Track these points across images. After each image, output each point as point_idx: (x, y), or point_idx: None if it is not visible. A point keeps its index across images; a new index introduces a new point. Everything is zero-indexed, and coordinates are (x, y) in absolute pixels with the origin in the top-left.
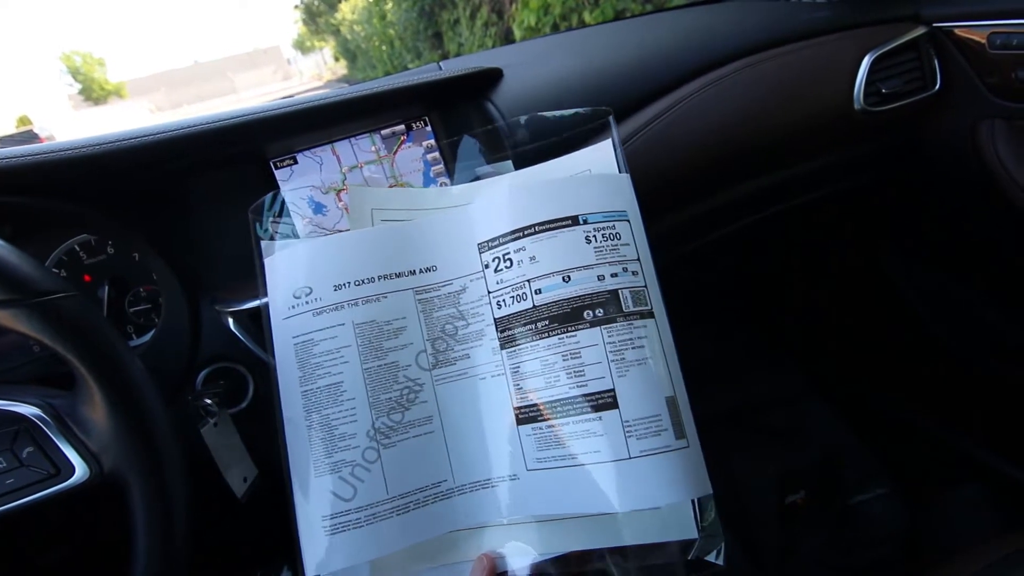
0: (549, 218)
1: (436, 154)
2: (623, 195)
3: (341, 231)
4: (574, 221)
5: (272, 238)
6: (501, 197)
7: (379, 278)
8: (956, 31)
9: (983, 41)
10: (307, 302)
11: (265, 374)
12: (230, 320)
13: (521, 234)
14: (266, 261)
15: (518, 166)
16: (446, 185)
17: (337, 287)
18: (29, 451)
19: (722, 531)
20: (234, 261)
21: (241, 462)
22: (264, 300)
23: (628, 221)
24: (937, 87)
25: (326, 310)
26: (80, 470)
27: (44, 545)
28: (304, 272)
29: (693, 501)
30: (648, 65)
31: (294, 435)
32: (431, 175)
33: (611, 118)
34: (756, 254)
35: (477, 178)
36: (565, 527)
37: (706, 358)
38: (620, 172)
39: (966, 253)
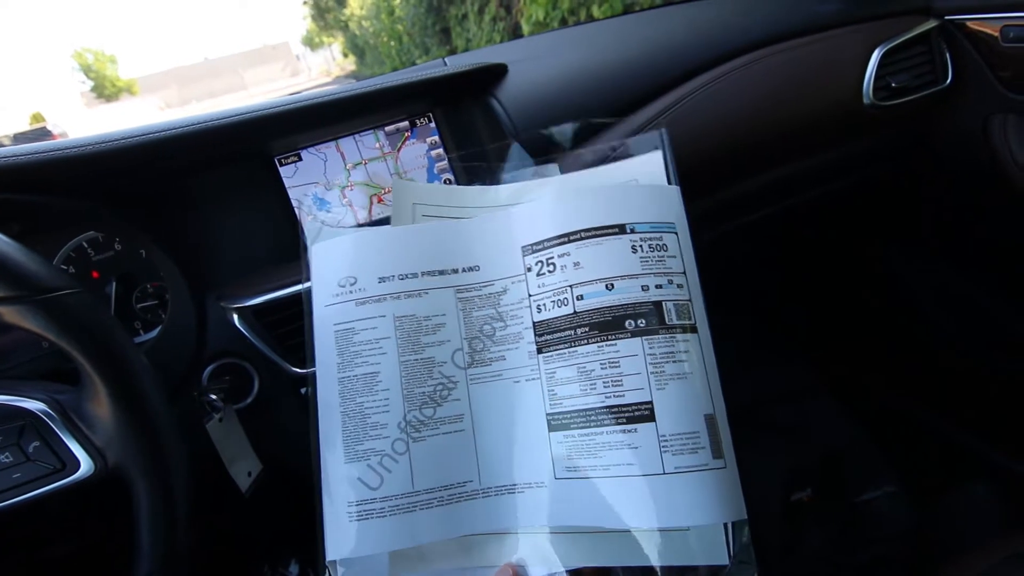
0: (596, 225)
1: (440, 150)
2: (673, 207)
3: (346, 227)
4: (621, 230)
5: (321, 222)
6: (547, 201)
7: (422, 274)
8: (968, 24)
9: (996, 34)
10: (351, 291)
11: (270, 370)
12: (235, 316)
13: (566, 239)
14: (312, 248)
15: (563, 171)
16: (451, 182)
17: (381, 279)
18: (35, 446)
19: (755, 559)
20: (239, 257)
21: (245, 457)
22: (307, 285)
23: (676, 233)
24: (948, 81)
25: (369, 301)
26: (85, 465)
27: (49, 540)
28: (350, 262)
29: (726, 525)
30: (656, 59)
31: (327, 419)
32: (435, 171)
33: (662, 132)
34: (762, 249)
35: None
36: (591, 541)
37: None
38: (670, 184)
39: (975, 249)
